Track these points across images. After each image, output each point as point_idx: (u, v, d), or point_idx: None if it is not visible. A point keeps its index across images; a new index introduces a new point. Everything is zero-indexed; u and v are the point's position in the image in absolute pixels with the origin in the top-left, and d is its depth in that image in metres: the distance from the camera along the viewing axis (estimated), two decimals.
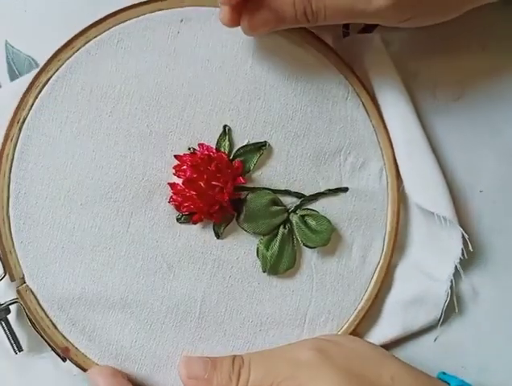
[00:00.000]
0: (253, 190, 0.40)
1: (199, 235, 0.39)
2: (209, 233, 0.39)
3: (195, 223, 0.38)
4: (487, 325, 0.45)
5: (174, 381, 0.38)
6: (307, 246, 0.41)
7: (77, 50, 0.36)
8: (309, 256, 0.41)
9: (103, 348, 0.37)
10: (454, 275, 0.43)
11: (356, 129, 0.42)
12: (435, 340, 0.44)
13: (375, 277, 0.43)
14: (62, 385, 0.38)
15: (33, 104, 0.36)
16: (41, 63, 0.37)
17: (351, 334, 0.42)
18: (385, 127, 0.43)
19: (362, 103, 0.43)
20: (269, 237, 0.40)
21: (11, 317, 0.36)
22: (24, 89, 0.36)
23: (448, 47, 0.45)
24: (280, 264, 0.40)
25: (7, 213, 0.35)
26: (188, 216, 0.38)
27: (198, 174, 0.37)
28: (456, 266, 0.43)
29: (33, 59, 0.41)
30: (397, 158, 0.43)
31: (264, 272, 0.40)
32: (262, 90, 0.40)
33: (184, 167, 0.37)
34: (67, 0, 0.41)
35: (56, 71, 0.36)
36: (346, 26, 0.45)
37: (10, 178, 0.35)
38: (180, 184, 0.37)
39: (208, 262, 0.39)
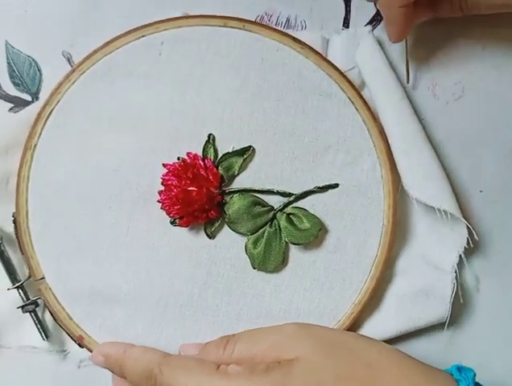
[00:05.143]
0: (237, 192, 0.42)
1: (192, 237, 0.43)
2: (201, 234, 0.43)
3: (183, 226, 0.42)
4: (484, 323, 0.44)
5: None
6: (293, 243, 0.42)
7: (74, 82, 0.42)
8: (300, 253, 0.43)
9: (112, 337, 0.42)
10: (460, 267, 0.43)
11: (344, 125, 0.43)
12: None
13: (373, 271, 0.43)
14: (64, 378, 0.45)
15: (41, 132, 0.42)
16: (40, 63, 0.42)
17: (349, 328, 0.43)
18: (376, 121, 0.43)
19: (349, 99, 0.43)
20: (256, 236, 0.42)
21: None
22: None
23: (448, 47, 0.44)
24: (268, 261, 0.42)
25: (27, 225, 0.42)
26: (179, 220, 0.42)
27: (178, 181, 0.41)
28: (460, 256, 0.42)
29: (33, 60, 0.44)
30: (393, 153, 0.43)
31: (254, 269, 0.43)
32: (244, 97, 0.42)
33: (167, 176, 0.41)
34: (67, 0, 0.44)
35: (58, 102, 0.42)
36: (346, 23, 0.45)
37: (27, 196, 0.42)
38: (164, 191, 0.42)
39: (202, 261, 0.43)
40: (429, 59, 0.45)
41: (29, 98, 0.45)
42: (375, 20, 0.45)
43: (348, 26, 0.45)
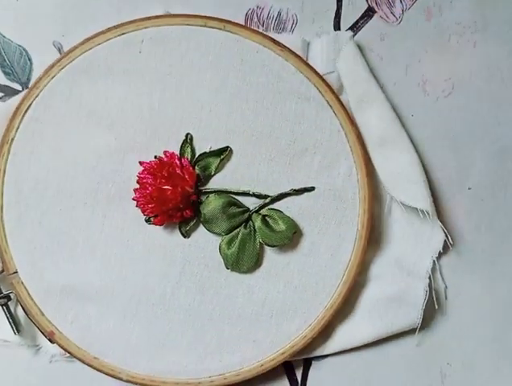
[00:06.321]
0: (213, 192, 0.42)
1: (167, 235, 0.43)
2: (176, 233, 0.43)
3: (157, 224, 0.42)
4: (469, 321, 0.44)
5: (145, 367, 0.42)
6: (267, 245, 0.42)
7: (53, 77, 0.42)
8: (274, 255, 0.43)
9: (83, 334, 0.42)
10: (434, 272, 0.43)
11: (321, 128, 0.43)
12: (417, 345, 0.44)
13: (346, 275, 0.43)
14: (36, 373, 0.45)
15: (19, 126, 0.42)
16: (31, 52, 0.42)
17: (320, 332, 0.43)
18: (353, 125, 0.43)
19: (327, 102, 0.43)
20: (230, 236, 0.42)
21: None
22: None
23: (439, 43, 0.45)
24: (242, 262, 0.42)
25: (1, 218, 0.42)
26: (153, 218, 0.42)
27: (153, 179, 0.41)
28: (434, 261, 0.43)
29: (24, 49, 0.44)
30: (371, 155, 0.43)
31: (228, 269, 0.43)
32: (222, 98, 0.42)
33: (143, 174, 0.41)
34: None
35: (36, 97, 0.42)
36: (338, 17, 0.45)
37: (3, 189, 0.42)
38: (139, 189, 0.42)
39: (176, 259, 0.43)
40: (419, 55, 0.45)
41: (19, 87, 0.45)
42: (366, 16, 0.45)
43: (339, 20, 0.45)
